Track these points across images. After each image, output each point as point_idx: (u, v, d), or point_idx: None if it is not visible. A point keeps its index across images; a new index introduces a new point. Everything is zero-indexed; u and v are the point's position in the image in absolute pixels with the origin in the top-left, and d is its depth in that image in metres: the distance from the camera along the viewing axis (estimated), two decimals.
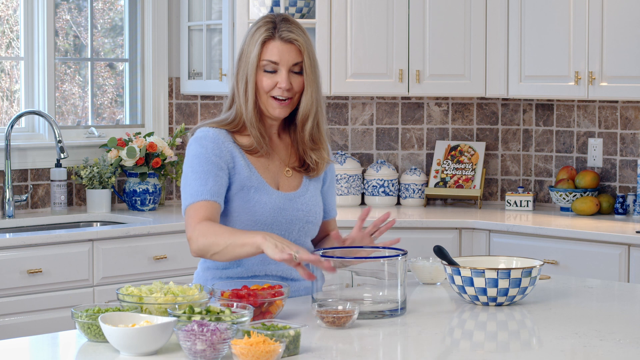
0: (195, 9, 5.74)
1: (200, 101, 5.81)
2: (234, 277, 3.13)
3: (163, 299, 2.67)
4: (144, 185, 5.39)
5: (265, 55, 3.10)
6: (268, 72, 3.10)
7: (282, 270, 3.15)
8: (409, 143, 5.88)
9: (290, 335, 2.47)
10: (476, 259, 3.16)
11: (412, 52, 5.49)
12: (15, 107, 5.42)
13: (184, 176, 3.10)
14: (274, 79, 3.10)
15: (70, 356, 2.56)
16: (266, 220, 3.11)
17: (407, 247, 4.50)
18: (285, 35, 3.10)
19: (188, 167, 3.10)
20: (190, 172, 3.08)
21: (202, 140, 3.10)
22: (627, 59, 5.03)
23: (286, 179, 3.19)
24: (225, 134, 3.12)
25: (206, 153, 3.08)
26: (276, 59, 3.09)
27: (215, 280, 3.13)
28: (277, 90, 3.10)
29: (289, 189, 3.17)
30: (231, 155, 3.10)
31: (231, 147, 3.11)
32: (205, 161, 3.07)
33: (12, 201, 5.11)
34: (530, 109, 5.81)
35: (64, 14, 5.57)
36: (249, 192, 3.10)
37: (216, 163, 3.07)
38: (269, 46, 3.10)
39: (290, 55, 3.10)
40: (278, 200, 3.12)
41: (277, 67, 3.10)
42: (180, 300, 2.68)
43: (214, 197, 3.05)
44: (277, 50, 3.09)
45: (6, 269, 4.48)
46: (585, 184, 5.44)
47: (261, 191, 3.11)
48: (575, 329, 2.76)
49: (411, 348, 2.63)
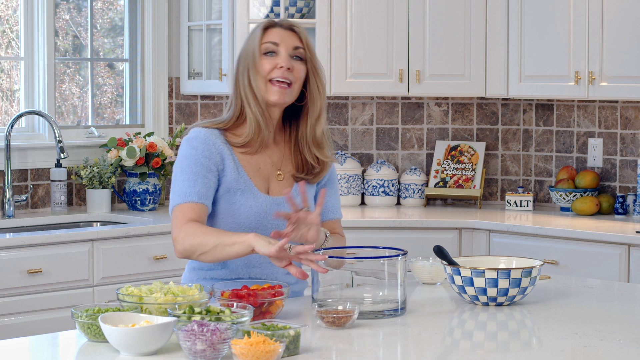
0: (195, 9, 5.74)
1: (200, 101, 5.81)
2: (217, 279, 3.11)
3: (163, 299, 2.67)
4: (144, 185, 5.39)
5: (265, 38, 3.11)
6: (268, 55, 3.10)
7: (267, 274, 3.13)
8: (409, 143, 5.88)
9: (290, 335, 2.47)
10: (476, 259, 3.16)
11: (412, 52, 5.49)
12: (15, 107, 5.42)
13: (173, 176, 3.10)
14: (274, 61, 3.09)
15: (70, 356, 2.56)
16: (251, 224, 3.09)
17: (407, 247, 4.51)
18: (286, 23, 3.14)
19: (177, 167, 3.10)
20: (180, 173, 3.08)
21: (192, 141, 3.10)
22: (627, 59, 5.03)
23: (277, 182, 3.16)
24: (217, 134, 3.11)
25: (196, 154, 3.07)
26: (277, 40, 3.10)
27: (201, 282, 3.12)
28: (277, 71, 3.08)
29: (279, 193, 3.15)
30: (221, 157, 3.09)
31: (222, 148, 3.09)
32: (195, 162, 3.07)
33: (12, 201, 5.11)
34: (530, 109, 5.81)
35: (63, 14, 5.57)
36: (235, 194, 3.09)
37: (205, 165, 3.06)
38: (269, 31, 3.13)
39: (290, 39, 3.12)
40: (265, 204, 3.10)
41: (277, 48, 3.10)
42: (180, 300, 2.68)
43: (202, 199, 3.04)
44: (277, 34, 3.12)
45: (6, 269, 4.48)
46: (585, 184, 5.44)
47: (247, 194, 3.09)
48: (575, 329, 2.76)
49: (411, 348, 2.63)
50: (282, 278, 3.14)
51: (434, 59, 5.50)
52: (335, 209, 3.27)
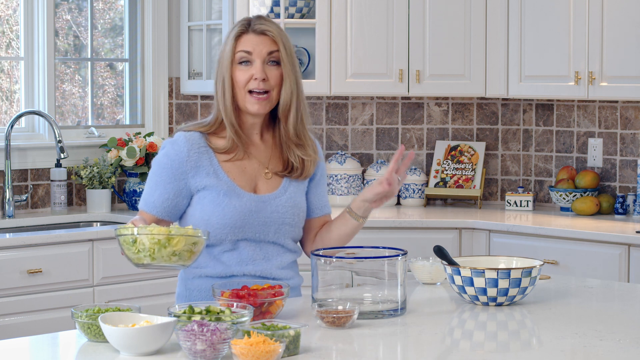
0: (195, 9, 5.75)
1: (200, 101, 5.81)
2: (212, 276, 3.12)
3: (157, 229, 2.68)
4: (144, 185, 5.39)
5: (238, 47, 3.09)
6: (243, 65, 3.09)
7: (261, 270, 3.14)
8: (409, 143, 5.88)
9: (290, 335, 2.47)
10: (476, 259, 3.16)
11: (412, 52, 5.49)
12: (15, 107, 5.42)
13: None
14: (249, 72, 3.08)
15: (70, 356, 2.56)
16: (236, 223, 3.09)
17: (407, 247, 4.50)
18: (258, 28, 3.10)
19: (150, 170, 3.15)
20: (149, 176, 3.15)
21: (169, 145, 3.12)
22: (627, 59, 5.03)
23: (265, 181, 3.17)
24: (198, 138, 3.11)
25: (166, 161, 3.10)
26: (249, 49, 3.08)
27: (196, 279, 3.14)
28: (252, 83, 3.07)
29: (267, 190, 3.15)
30: (197, 162, 3.09)
31: (201, 152, 3.10)
32: (161, 169, 3.10)
33: (12, 201, 5.11)
34: (530, 109, 5.81)
35: (64, 14, 5.58)
36: (218, 195, 3.09)
37: (171, 174, 3.09)
38: (241, 39, 3.10)
39: (264, 45, 3.09)
40: (249, 203, 3.10)
41: (250, 57, 3.08)
42: (174, 233, 2.68)
43: (153, 211, 3.09)
44: (249, 42, 3.09)
45: (6, 269, 4.48)
46: (585, 184, 5.44)
47: (231, 194, 3.09)
48: (575, 329, 2.76)
49: (411, 348, 2.63)
50: (276, 274, 3.15)
51: (434, 59, 5.50)
52: (327, 204, 3.30)
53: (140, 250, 2.74)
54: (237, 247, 3.11)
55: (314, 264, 2.90)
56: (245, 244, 3.12)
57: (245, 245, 3.11)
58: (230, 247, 3.11)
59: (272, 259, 3.15)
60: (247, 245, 3.12)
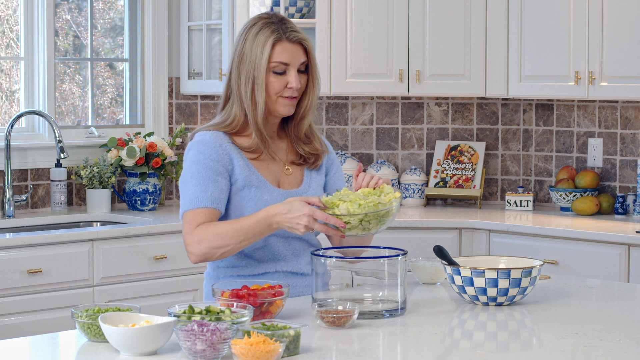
0: (195, 9, 5.74)
1: (200, 101, 5.81)
2: (245, 275, 3.14)
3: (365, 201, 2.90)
4: (144, 185, 5.39)
5: (275, 57, 3.11)
6: (277, 73, 3.12)
7: (292, 266, 3.17)
8: (409, 143, 5.89)
9: (290, 335, 2.47)
10: (476, 259, 3.16)
11: (412, 52, 5.49)
12: (15, 107, 5.42)
13: (183, 181, 3.11)
14: (284, 80, 3.12)
15: (70, 356, 2.56)
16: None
17: (407, 247, 4.51)
18: (294, 36, 3.13)
19: (187, 172, 3.11)
20: (190, 178, 3.10)
21: (199, 145, 3.11)
22: (627, 59, 5.03)
23: (287, 177, 3.21)
24: (222, 136, 3.14)
25: (204, 159, 3.09)
26: (287, 60, 3.12)
27: (228, 279, 3.15)
28: (288, 91, 3.13)
29: (291, 186, 3.19)
30: (229, 157, 3.11)
31: (229, 149, 3.12)
32: (204, 167, 3.08)
33: (12, 201, 5.11)
34: (530, 109, 5.81)
35: (64, 14, 5.57)
36: (250, 190, 3.11)
37: (215, 168, 3.08)
38: (277, 48, 3.12)
39: (298, 55, 3.14)
40: (280, 198, 3.13)
41: (287, 67, 3.12)
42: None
43: (214, 204, 3.06)
44: (287, 52, 3.12)
45: (6, 269, 4.48)
46: (585, 184, 5.44)
47: (262, 189, 3.12)
48: (575, 329, 2.76)
49: (411, 348, 2.63)
50: (305, 269, 3.18)
51: (434, 59, 5.50)
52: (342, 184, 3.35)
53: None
54: (268, 244, 3.13)
55: (314, 263, 2.90)
56: (275, 240, 3.14)
57: (275, 242, 3.14)
58: (262, 244, 3.12)
59: (301, 254, 3.19)
60: (277, 241, 3.14)
